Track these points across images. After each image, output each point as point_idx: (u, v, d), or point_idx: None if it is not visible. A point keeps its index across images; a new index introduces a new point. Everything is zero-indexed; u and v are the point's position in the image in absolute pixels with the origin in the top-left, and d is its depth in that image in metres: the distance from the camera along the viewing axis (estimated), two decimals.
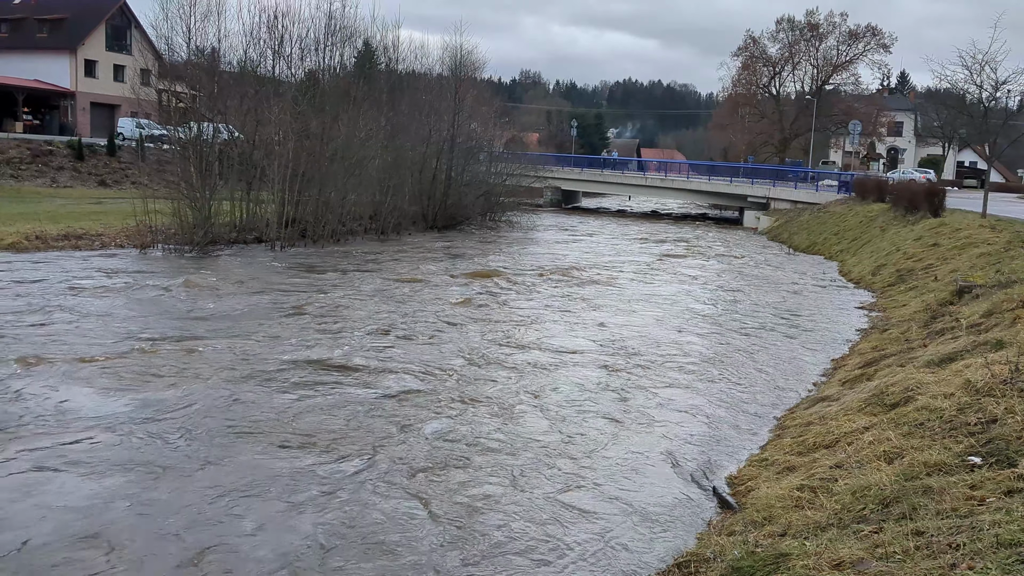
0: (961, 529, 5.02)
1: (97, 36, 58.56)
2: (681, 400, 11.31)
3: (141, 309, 15.67)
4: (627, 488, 8.16)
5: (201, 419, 9.50)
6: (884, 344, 13.48)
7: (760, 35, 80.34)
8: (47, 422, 9.18)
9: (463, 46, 42.23)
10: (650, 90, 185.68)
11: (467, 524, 7.19)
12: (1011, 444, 6.30)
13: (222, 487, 7.67)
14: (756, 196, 52.93)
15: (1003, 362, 8.15)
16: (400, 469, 8.30)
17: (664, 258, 30.42)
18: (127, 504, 7.25)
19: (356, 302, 17.57)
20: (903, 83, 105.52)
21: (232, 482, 7.79)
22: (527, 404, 10.73)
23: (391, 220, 32.87)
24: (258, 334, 13.92)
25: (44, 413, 9.45)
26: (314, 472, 8.12)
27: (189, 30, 26.97)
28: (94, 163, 41.72)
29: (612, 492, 8.04)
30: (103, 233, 24.65)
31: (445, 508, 7.48)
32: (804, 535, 5.94)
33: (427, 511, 7.40)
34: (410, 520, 7.21)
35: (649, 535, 7.19)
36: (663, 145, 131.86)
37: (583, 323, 16.55)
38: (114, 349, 12.43)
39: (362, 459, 8.52)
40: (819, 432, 8.73)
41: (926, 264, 21.62)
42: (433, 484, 7.99)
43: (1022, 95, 31.09)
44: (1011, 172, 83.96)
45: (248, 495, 7.54)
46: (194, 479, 7.85)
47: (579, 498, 7.86)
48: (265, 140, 29.21)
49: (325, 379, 11.43)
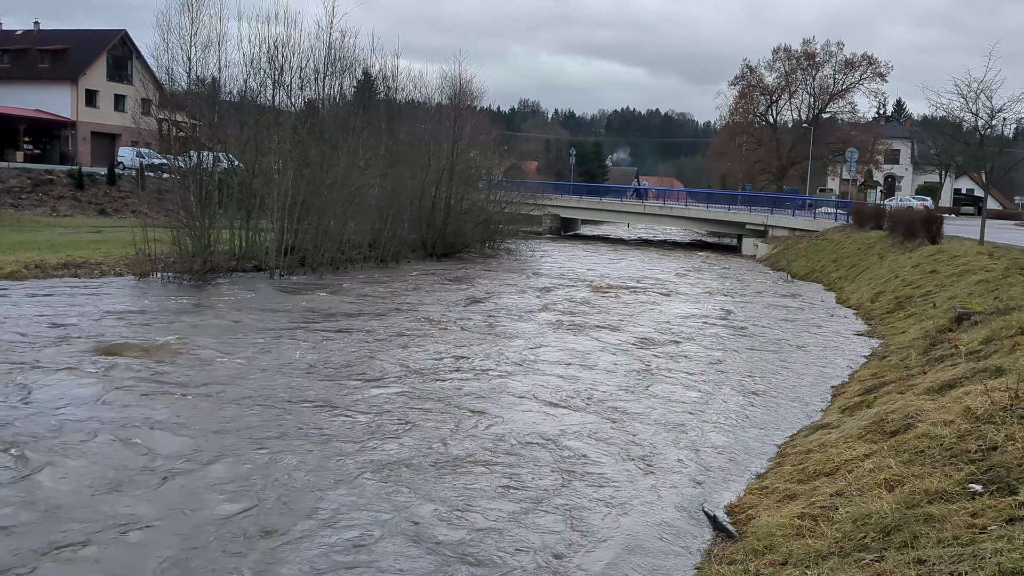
0: (963, 557, 4.99)
1: (98, 66, 58.98)
2: (679, 428, 11.28)
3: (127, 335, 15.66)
4: (626, 517, 8.12)
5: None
6: (883, 371, 13.46)
7: (757, 64, 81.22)
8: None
9: (462, 75, 42.52)
10: (648, 119, 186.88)
11: (460, 550, 7.14)
12: (1012, 471, 6.28)
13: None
14: (754, 224, 53.09)
15: (1003, 389, 8.14)
16: (372, 467, 8.27)
17: (662, 285, 30.43)
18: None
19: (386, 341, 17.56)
20: (899, 111, 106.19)
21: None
22: (521, 436, 10.68)
23: (391, 248, 32.92)
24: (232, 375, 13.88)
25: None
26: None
27: (190, 60, 27.12)
28: (94, 192, 41.87)
29: (611, 521, 7.99)
30: (103, 262, 24.68)
31: (443, 534, 7.43)
32: (805, 564, 5.90)
33: (426, 546, 7.35)
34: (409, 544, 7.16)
35: (649, 565, 7.14)
36: (662, 173, 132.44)
37: (576, 350, 16.53)
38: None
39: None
40: (819, 459, 8.70)
41: (924, 291, 21.63)
42: (430, 512, 7.95)
43: (1018, 123, 31.31)
44: (1008, 199, 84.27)
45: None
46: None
47: (577, 526, 7.81)
48: (265, 169, 29.31)
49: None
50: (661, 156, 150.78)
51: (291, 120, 30.09)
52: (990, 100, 27.48)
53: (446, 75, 43.65)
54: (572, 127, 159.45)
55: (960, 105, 28.81)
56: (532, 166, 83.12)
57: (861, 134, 75.80)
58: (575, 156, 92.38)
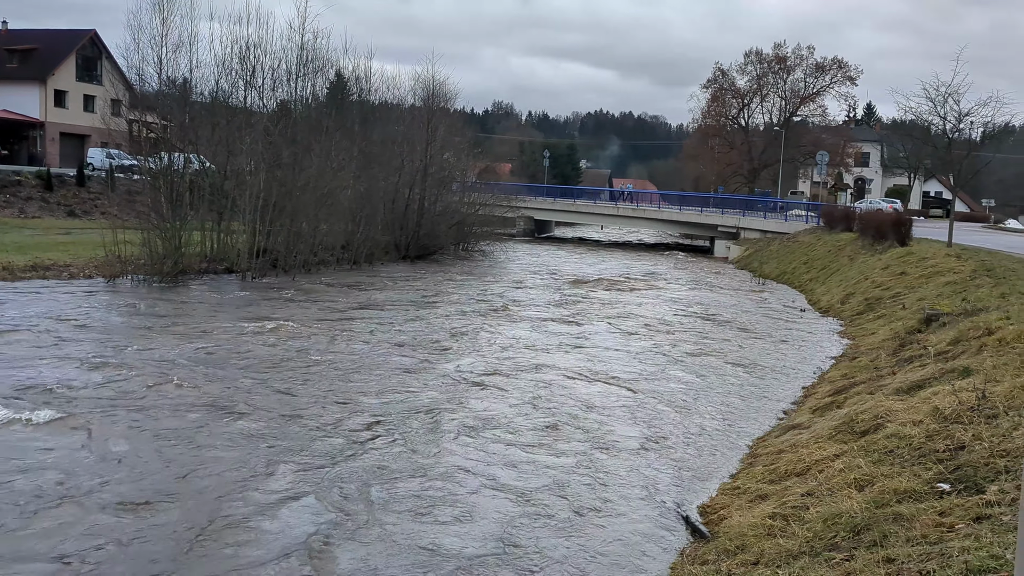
0: (931, 556, 5.05)
1: (67, 67, 58.24)
2: (652, 429, 11.31)
3: (95, 342, 15.49)
4: (599, 519, 8.13)
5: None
6: (854, 372, 13.59)
7: (729, 67, 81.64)
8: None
9: (435, 77, 42.44)
10: (621, 121, 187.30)
11: (428, 551, 7.12)
12: (979, 471, 6.37)
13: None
14: (726, 226, 53.44)
15: (970, 389, 8.24)
16: (349, 483, 8.23)
17: (634, 288, 30.53)
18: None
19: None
20: (869, 115, 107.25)
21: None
22: (492, 438, 10.68)
23: (363, 250, 32.79)
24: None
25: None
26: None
27: (160, 61, 26.94)
28: (63, 194, 41.30)
29: (584, 523, 8.01)
30: (71, 264, 24.37)
31: (410, 538, 7.41)
32: (776, 564, 5.95)
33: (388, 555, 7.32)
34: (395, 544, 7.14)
35: (621, 566, 7.16)
36: (635, 175, 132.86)
37: (549, 353, 16.55)
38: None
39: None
40: (790, 460, 8.76)
41: (894, 293, 21.85)
42: (396, 516, 7.92)
43: (985, 126, 31.74)
44: (976, 202, 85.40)
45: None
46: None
47: (551, 528, 7.82)
48: (236, 170, 29.10)
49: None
50: (634, 159, 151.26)
51: (263, 121, 29.89)
52: (958, 104, 27.91)
53: (419, 77, 43.50)
54: (546, 129, 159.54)
55: (929, 109, 29.22)
56: (506, 168, 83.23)
57: (831, 137, 76.49)
58: (549, 158, 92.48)
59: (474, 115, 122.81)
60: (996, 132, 33.13)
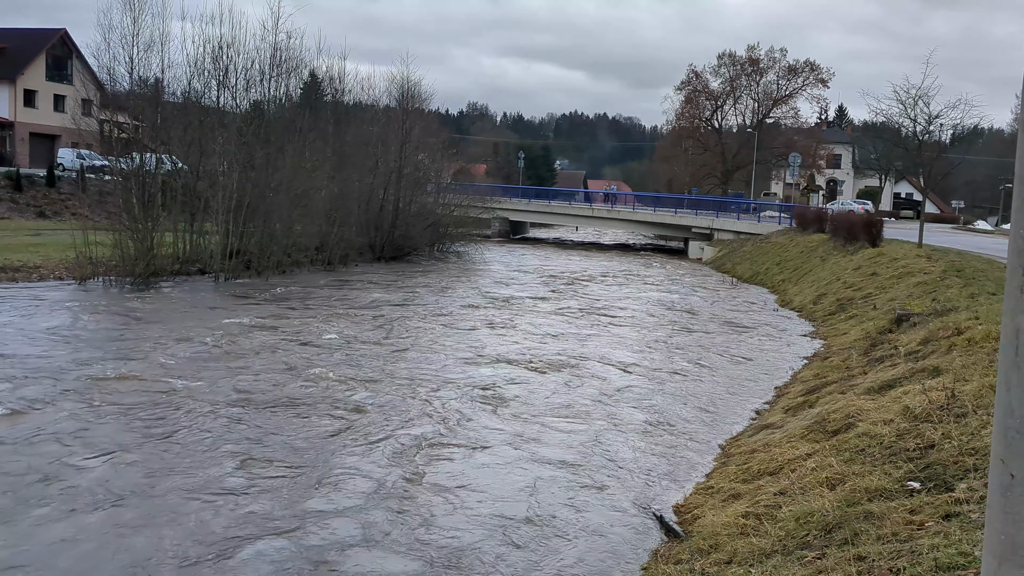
0: (901, 553, 5.10)
1: (37, 66, 57.55)
2: (626, 430, 11.34)
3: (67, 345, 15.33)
4: (572, 519, 8.14)
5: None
6: (825, 372, 13.71)
7: (703, 70, 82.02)
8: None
9: (409, 77, 42.35)
10: (596, 123, 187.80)
11: (412, 549, 7.11)
12: (948, 469, 6.44)
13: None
14: (700, 227, 53.74)
15: (940, 388, 8.34)
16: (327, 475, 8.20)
17: (609, 289, 30.61)
18: None
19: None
20: (841, 117, 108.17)
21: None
22: (468, 439, 10.68)
23: (338, 251, 32.65)
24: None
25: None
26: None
27: (132, 60, 26.67)
28: (33, 194, 40.87)
29: (557, 523, 8.01)
30: (41, 265, 24.10)
31: (395, 537, 7.40)
32: (749, 562, 5.99)
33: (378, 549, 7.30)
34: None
35: (595, 566, 7.17)
36: (610, 177, 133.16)
37: (522, 351, 16.57)
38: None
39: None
40: (763, 459, 8.83)
41: (865, 293, 22.06)
42: (385, 514, 7.91)
43: (954, 129, 32.12)
44: (945, 203, 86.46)
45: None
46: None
47: (525, 529, 7.82)
48: (209, 171, 28.88)
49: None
50: (609, 160, 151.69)
51: (236, 122, 29.69)
52: (928, 106, 28.20)
53: (394, 77, 43.34)
54: (521, 131, 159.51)
55: (899, 111, 29.50)
56: (481, 169, 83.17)
57: (804, 139, 77.09)
58: (524, 159, 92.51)
59: (449, 116, 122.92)
60: (965, 134, 33.55)
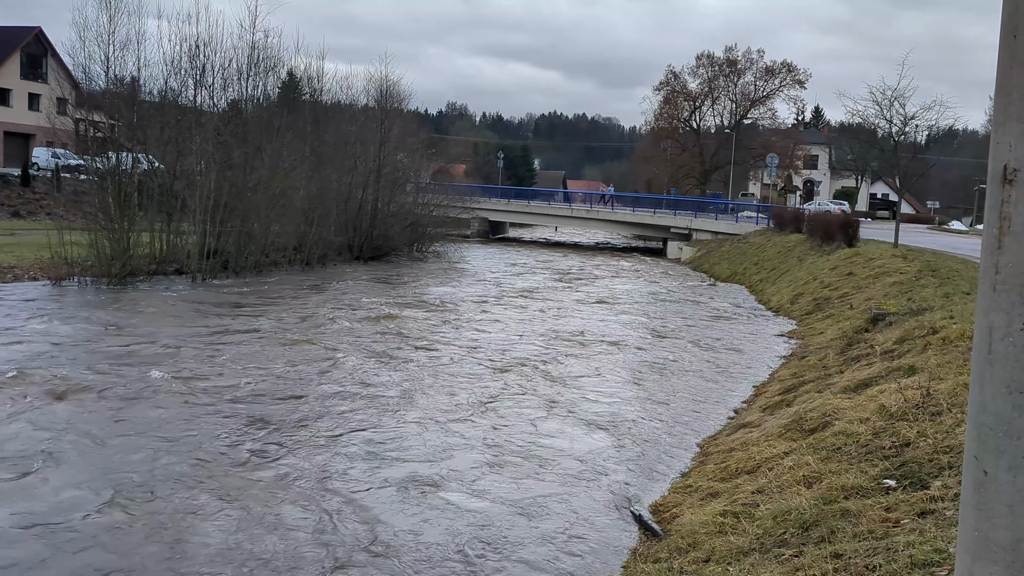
0: (877, 551, 5.15)
1: (11, 64, 57.01)
2: (603, 429, 11.36)
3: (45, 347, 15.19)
4: (550, 518, 8.14)
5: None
6: (803, 371, 13.79)
7: (681, 70, 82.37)
8: None
9: (388, 77, 42.27)
10: (575, 123, 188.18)
11: (381, 554, 7.10)
12: (923, 467, 6.50)
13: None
14: (679, 227, 53.94)
15: (915, 387, 8.41)
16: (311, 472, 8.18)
17: (586, 289, 30.68)
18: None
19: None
20: (818, 118, 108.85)
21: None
22: (446, 443, 10.67)
23: (316, 251, 32.53)
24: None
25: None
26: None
27: (108, 59, 26.48)
28: (7, 194, 40.42)
29: (535, 523, 8.01)
30: (16, 265, 23.85)
31: (350, 535, 7.38)
32: (727, 561, 6.01)
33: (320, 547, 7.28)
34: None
35: (573, 565, 7.18)
36: (589, 177, 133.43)
37: (493, 350, 16.57)
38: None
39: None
40: (741, 458, 8.87)
41: (842, 293, 22.21)
42: (360, 510, 7.88)
43: (929, 130, 32.41)
44: (921, 204, 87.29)
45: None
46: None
47: (503, 529, 7.82)
48: (186, 170, 28.69)
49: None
50: (588, 160, 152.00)
51: (214, 121, 29.52)
52: (903, 108, 28.45)
53: (372, 77, 43.29)
54: (500, 131, 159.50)
55: (875, 112, 29.75)
56: (460, 169, 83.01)
57: (781, 140, 77.59)
58: (503, 160, 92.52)
59: (428, 116, 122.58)
60: (940, 135, 33.86)
